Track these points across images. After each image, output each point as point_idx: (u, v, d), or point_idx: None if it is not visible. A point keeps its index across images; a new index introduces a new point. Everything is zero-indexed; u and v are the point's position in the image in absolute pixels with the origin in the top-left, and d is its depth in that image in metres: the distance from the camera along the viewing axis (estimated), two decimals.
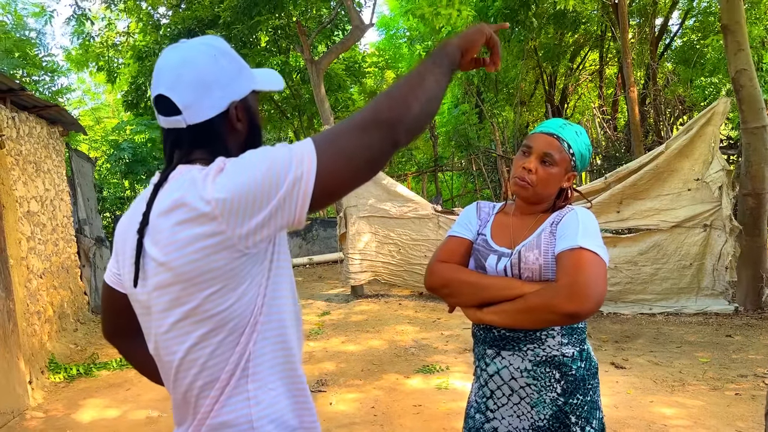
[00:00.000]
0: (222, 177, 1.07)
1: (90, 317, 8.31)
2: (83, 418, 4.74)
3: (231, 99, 1.20)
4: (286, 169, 1.05)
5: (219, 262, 1.08)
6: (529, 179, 1.77)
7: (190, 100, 1.18)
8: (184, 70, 1.19)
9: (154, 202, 1.16)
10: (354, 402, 4.68)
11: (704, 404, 4.21)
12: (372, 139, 1.08)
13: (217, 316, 1.12)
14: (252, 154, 1.09)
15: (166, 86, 1.19)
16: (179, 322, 1.15)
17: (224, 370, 1.15)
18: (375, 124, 1.09)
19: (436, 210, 8.76)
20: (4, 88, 5.74)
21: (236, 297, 1.12)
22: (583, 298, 1.53)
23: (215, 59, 1.20)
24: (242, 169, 1.07)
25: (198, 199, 1.07)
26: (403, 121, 1.10)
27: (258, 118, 1.28)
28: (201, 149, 1.21)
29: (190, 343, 1.15)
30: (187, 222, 1.08)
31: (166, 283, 1.13)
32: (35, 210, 6.52)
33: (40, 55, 14.73)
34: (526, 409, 1.72)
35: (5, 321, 4.79)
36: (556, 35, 15.08)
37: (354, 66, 17.52)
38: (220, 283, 1.10)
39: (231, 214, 1.05)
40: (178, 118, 1.19)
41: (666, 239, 6.94)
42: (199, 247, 1.07)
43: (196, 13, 13.12)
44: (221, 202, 1.05)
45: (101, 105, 25.24)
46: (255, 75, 1.29)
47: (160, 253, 1.12)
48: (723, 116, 6.66)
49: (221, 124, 1.20)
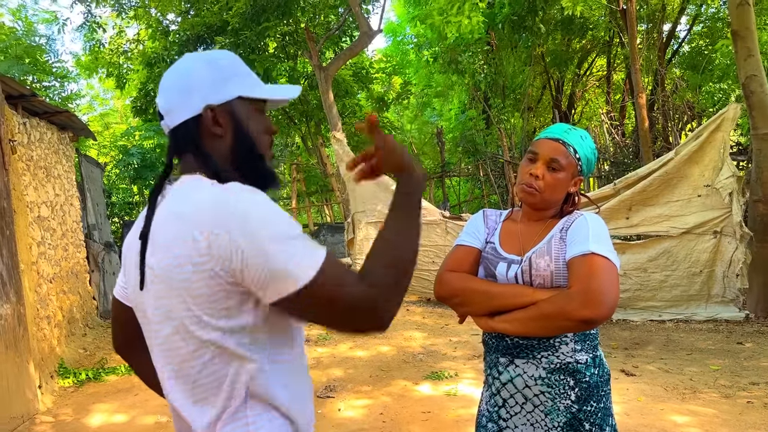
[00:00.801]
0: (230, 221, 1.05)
1: (99, 322, 8.33)
2: (92, 423, 4.74)
3: (206, 102, 1.20)
4: (288, 261, 1.04)
5: (203, 289, 1.07)
6: (537, 185, 1.77)
7: (169, 104, 1.22)
8: (170, 77, 1.24)
9: (156, 211, 1.17)
10: (362, 408, 4.67)
11: (716, 412, 4.17)
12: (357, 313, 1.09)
13: (201, 339, 1.11)
14: (268, 227, 1.06)
15: (158, 97, 1.25)
16: (172, 336, 1.14)
17: (219, 391, 1.14)
18: (367, 309, 1.09)
19: (444, 216, 8.74)
20: (15, 94, 5.78)
21: (221, 326, 1.10)
22: (597, 303, 1.52)
23: (199, 66, 1.23)
24: (255, 232, 1.05)
25: (196, 224, 1.06)
26: (392, 312, 1.12)
27: (248, 126, 1.25)
28: (186, 154, 1.22)
29: (180, 358, 1.15)
30: (181, 240, 1.08)
31: (161, 294, 1.13)
32: (45, 215, 6.56)
33: (50, 61, 14.82)
34: (539, 417, 1.71)
35: (16, 325, 4.81)
36: (563, 41, 15.09)
37: (361, 72, 17.55)
38: (201, 309, 1.09)
39: (221, 258, 1.05)
40: (163, 122, 1.24)
41: (676, 246, 6.90)
42: (189, 268, 1.07)
43: (205, 20, 13.20)
44: (216, 240, 1.04)
45: (110, 111, 25.40)
46: (255, 85, 1.28)
47: (156, 263, 1.13)
48: (733, 122, 6.63)
49: (196, 128, 1.20)
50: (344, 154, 9.17)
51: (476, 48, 14.54)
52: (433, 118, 21.89)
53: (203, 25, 13.31)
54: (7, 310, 4.70)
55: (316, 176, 19.40)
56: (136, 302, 1.25)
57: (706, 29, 15.19)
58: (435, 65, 16.67)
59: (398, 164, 1.26)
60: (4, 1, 15.77)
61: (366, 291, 1.08)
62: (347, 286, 1.07)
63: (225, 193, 1.08)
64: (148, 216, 1.18)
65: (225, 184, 1.12)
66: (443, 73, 16.47)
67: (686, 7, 14.53)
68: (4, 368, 4.53)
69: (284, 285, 1.04)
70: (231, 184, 1.11)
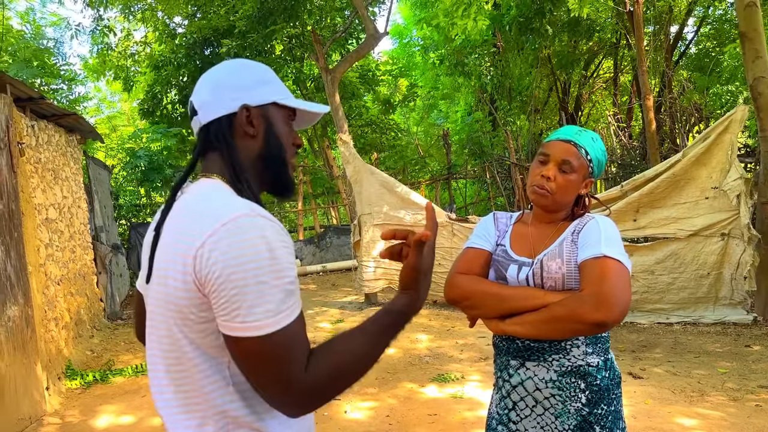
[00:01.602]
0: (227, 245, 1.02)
1: (106, 324, 8.36)
2: (99, 425, 4.76)
3: (243, 102, 1.22)
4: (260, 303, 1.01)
5: (183, 300, 1.07)
6: (548, 187, 1.76)
7: (204, 100, 1.23)
8: (207, 77, 1.27)
9: (170, 212, 1.18)
10: (369, 410, 4.67)
11: (724, 415, 4.15)
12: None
13: (183, 348, 1.10)
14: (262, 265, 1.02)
15: (194, 93, 1.27)
16: (162, 338, 1.14)
17: (200, 406, 1.12)
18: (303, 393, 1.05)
19: (450, 218, 8.74)
20: (24, 96, 5.81)
21: (199, 341, 1.09)
22: (609, 306, 1.52)
23: (239, 69, 1.27)
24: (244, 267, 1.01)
25: (198, 231, 1.05)
26: (311, 409, 1.09)
27: (282, 136, 1.27)
28: (214, 152, 1.23)
29: (168, 361, 1.14)
30: (181, 242, 1.07)
31: (157, 294, 1.14)
32: (53, 217, 6.59)
33: (58, 64, 14.89)
34: (549, 420, 1.71)
35: (24, 327, 4.84)
36: (570, 43, 15.06)
37: (368, 74, 17.56)
38: (181, 317, 1.08)
39: (201, 272, 1.03)
40: (196, 118, 1.25)
41: (683, 248, 6.87)
42: (179, 276, 1.06)
43: (212, 23, 13.25)
44: (204, 253, 1.03)
45: (117, 113, 25.48)
46: (289, 97, 1.29)
47: (159, 261, 1.14)
48: (741, 124, 6.60)
49: (229, 125, 1.22)
50: (350, 156, 9.17)
51: (483, 50, 14.53)
52: (440, 120, 21.88)
53: (210, 28, 13.36)
54: (15, 311, 4.72)
55: (323, 178, 19.43)
56: (145, 295, 1.28)
57: (714, 31, 15.13)
58: (441, 67, 16.66)
59: (416, 283, 1.22)
60: (13, 4, 15.80)
61: (303, 383, 1.04)
62: (291, 363, 1.03)
63: (228, 210, 1.05)
64: (163, 211, 1.19)
65: (243, 199, 1.11)
66: (449, 75, 16.47)
67: (693, 9, 14.48)
68: (11, 370, 4.55)
69: (239, 326, 1.01)
70: (245, 204, 1.08)
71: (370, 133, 17.70)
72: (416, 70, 20.85)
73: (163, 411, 1.18)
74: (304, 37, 12.96)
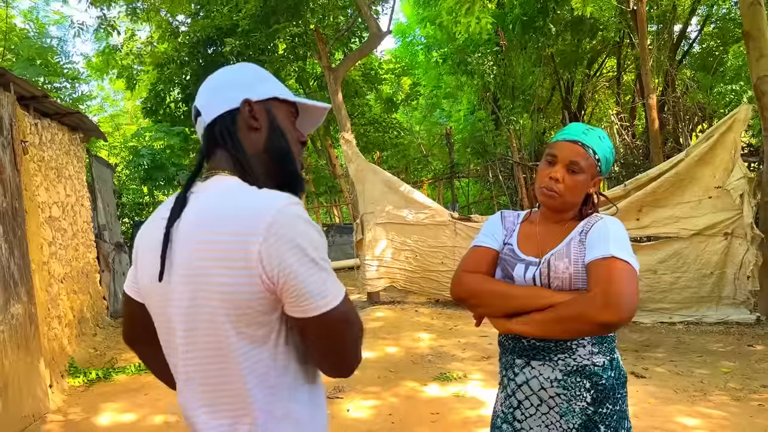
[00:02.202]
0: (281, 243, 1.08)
1: (109, 322, 8.38)
2: (102, 422, 4.77)
3: (244, 96, 1.24)
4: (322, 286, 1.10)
5: (240, 294, 1.10)
6: (557, 188, 1.75)
7: (207, 100, 1.27)
8: (208, 82, 1.31)
9: (187, 208, 1.18)
10: (371, 409, 4.67)
11: (727, 415, 4.14)
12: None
13: (224, 343, 1.13)
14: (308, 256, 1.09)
15: (197, 98, 1.30)
16: (194, 336, 1.17)
17: (234, 403, 1.15)
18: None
19: (453, 217, 8.73)
20: (27, 95, 5.82)
21: (249, 333, 1.13)
22: (617, 307, 1.51)
23: (238, 69, 1.31)
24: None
25: (242, 227, 1.08)
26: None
27: (285, 130, 1.28)
28: (219, 149, 1.24)
29: (199, 360, 1.16)
30: (222, 242, 1.09)
31: (189, 294, 1.14)
32: (57, 215, 6.60)
33: (62, 62, 14.90)
34: (554, 419, 1.71)
35: (27, 325, 4.85)
36: (573, 42, 15.03)
37: (371, 73, 17.57)
38: (231, 313, 1.11)
39: (261, 265, 1.08)
40: (200, 119, 1.27)
41: (686, 247, 6.86)
42: (227, 272, 1.08)
43: (215, 21, 13.25)
44: (261, 247, 1.06)
45: (120, 112, 25.53)
46: (289, 94, 1.33)
47: (186, 261, 1.13)
48: (744, 123, 6.59)
49: (232, 121, 1.23)
50: (353, 155, 9.18)
51: (486, 49, 14.51)
52: (442, 119, 21.85)
53: (213, 27, 13.36)
54: (18, 309, 4.73)
55: (325, 177, 19.44)
56: (150, 296, 1.25)
57: (718, 30, 15.09)
58: (444, 66, 16.65)
59: None
60: (16, 2, 15.82)
61: (360, 335, 1.20)
62: (357, 322, 1.18)
63: (285, 202, 1.09)
64: (174, 210, 1.18)
65: (264, 189, 1.14)
66: (452, 74, 16.46)
67: (697, 8, 14.45)
68: (15, 367, 4.56)
69: (322, 302, 1.09)
70: (284, 194, 1.13)
71: (373, 131, 17.71)
72: (419, 69, 20.84)
73: (190, 412, 1.20)
74: (307, 36, 12.94)
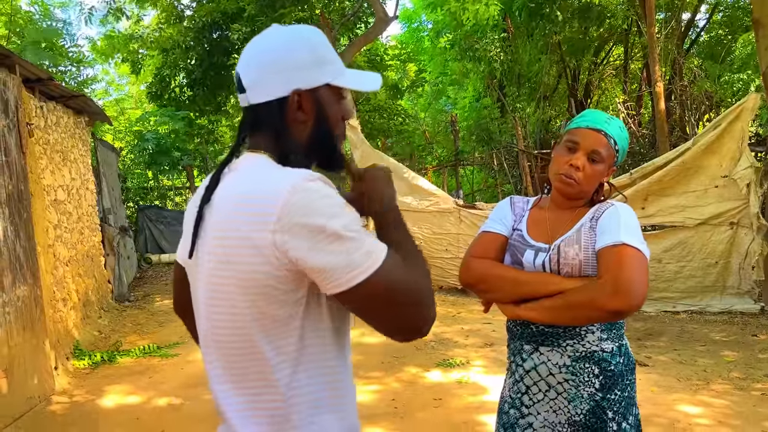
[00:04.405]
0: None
1: (113, 305, 8.42)
2: (107, 404, 4.80)
3: (295, 86, 1.17)
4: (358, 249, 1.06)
5: (261, 273, 1.09)
6: (576, 177, 1.73)
7: (254, 79, 1.19)
8: (258, 50, 1.21)
9: (221, 185, 1.18)
10: (374, 394, 4.69)
11: (729, 404, 4.15)
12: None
13: (248, 323, 1.13)
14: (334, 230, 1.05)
15: (241, 65, 1.22)
16: (220, 316, 1.16)
17: (263, 388, 1.14)
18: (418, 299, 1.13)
19: (458, 204, 8.73)
20: (32, 77, 5.81)
21: (273, 313, 1.12)
22: (627, 294, 1.51)
23: (291, 45, 1.20)
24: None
25: (267, 206, 1.06)
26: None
27: (331, 117, 1.24)
28: (261, 133, 1.21)
29: (226, 338, 1.16)
30: (248, 220, 1.08)
31: (216, 272, 1.14)
32: (62, 198, 6.61)
33: (67, 45, 14.86)
34: (562, 404, 1.71)
35: (33, 307, 4.87)
36: (580, 29, 14.91)
37: (376, 59, 17.46)
38: (255, 293, 1.11)
39: (286, 244, 1.05)
40: (243, 95, 1.22)
41: (691, 237, 6.85)
42: (252, 251, 1.07)
43: (221, 6, 13.17)
44: (285, 226, 1.04)
45: (125, 96, 25.48)
46: (341, 72, 1.26)
47: (215, 239, 1.13)
48: (752, 112, 6.55)
49: (280, 110, 1.19)
50: (358, 142, 9.15)
51: (492, 35, 14.42)
52: (448, 106, 21.75)
53: (219, 12, 13.29)
54: (24, 291, 4.75)
55: None
56: (187, 269, 1.28)
57: (726, 18, 14.96)
58: (450, 52, 16.54)
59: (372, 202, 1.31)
60: None
61: (428, 289, 1.14)
62: (401, 287, 1.10)
63: (299, 181, 1.07)
64: (209, 187, 1.18)
65: (294, 169, 1.11)
66: (458, 60, 16.35)
67: None
68: (20, 349, 4.59)
69: (336, 283, 1.05)
70: (302, 171, 1.10)
71: (378, 118, 17.63)
72: (425, 55, 20.70)
73: (216, 386, 1.20)
74: (312, 21, 12.87)
